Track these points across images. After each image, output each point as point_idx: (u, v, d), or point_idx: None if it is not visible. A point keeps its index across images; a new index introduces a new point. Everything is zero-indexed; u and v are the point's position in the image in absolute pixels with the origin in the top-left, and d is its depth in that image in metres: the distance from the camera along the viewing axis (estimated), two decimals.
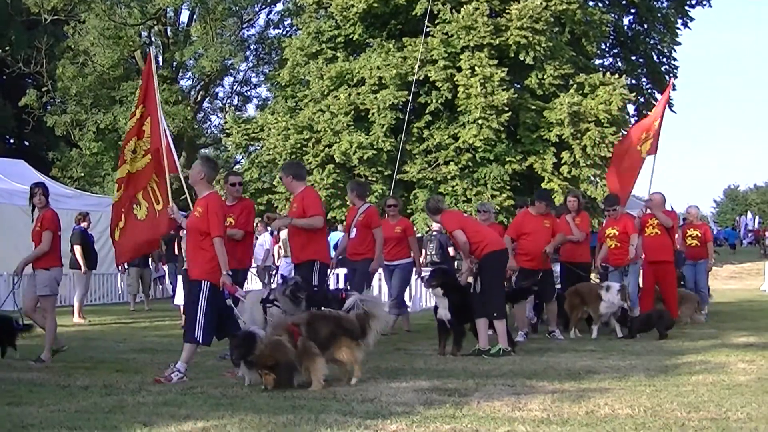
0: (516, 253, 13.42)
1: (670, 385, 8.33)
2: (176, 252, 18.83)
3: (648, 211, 15.04)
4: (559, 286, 14.88)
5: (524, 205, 15.35)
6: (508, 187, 28.98)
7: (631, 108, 33.90)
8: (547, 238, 13.47)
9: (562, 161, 29.55)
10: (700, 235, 17.34)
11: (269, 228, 22.31)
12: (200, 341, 9.19)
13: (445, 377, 9.02)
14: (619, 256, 14.62)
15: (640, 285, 15.28)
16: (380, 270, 15.29)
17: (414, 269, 15.08)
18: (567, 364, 10.02)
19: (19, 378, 9.45)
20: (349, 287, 13.51)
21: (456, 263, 18.90)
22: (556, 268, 15.10)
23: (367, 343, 8.83)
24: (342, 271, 17.44)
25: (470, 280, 11.99)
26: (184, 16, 47.76)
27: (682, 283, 16.86)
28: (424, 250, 19.80)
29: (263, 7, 47.91)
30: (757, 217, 56.88)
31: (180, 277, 17.01)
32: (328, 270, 12.14)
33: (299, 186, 11.38)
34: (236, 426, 6.70)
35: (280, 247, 23.39)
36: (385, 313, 9.67)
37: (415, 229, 18.03)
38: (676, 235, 16.87)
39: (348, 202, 19.25)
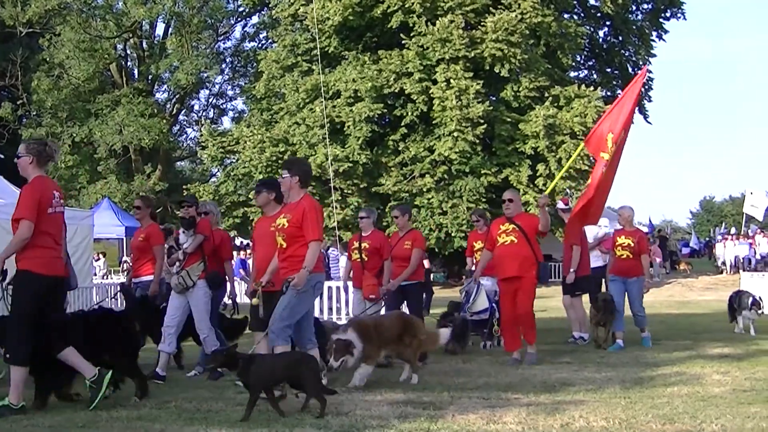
0: None
1: (645, 397, 8.35)
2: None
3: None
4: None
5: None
6: (483, 200, 29.09)
7: None
8: (273, 249, 8.97)
9: (538, 173, 29.74)
10: (632, 244, 13.26)
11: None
12: None
13: (420, 390, 9.00)
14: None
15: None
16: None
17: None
18: (542, 376, 10.02)
19: None
20: None
21: (431, 275, 18.30)
22: None
23: None
24: None
25: None
26: (160, 28, 47.91)
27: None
28: None
29: (239, 20, 48.02)
30: (732, 229, 57.09)
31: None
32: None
33: None
34: None
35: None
36: None
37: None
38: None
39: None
